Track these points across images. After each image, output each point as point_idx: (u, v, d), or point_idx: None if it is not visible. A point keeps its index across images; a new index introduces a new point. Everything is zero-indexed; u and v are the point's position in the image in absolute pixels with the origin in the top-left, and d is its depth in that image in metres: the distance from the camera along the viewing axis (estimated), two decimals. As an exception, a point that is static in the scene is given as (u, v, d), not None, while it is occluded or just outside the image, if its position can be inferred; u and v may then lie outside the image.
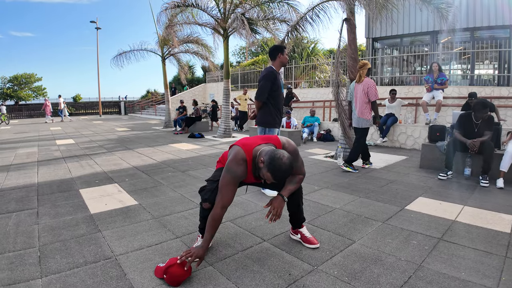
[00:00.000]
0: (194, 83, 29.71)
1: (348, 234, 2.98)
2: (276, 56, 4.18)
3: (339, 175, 5.36)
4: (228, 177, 2.31)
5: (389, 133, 8.53)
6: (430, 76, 8.20)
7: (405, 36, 14.83)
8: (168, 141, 9.88)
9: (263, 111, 4.27)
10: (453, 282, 2.20)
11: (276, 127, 4.31)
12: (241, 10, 10.60)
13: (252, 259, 2.51)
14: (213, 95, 21.70)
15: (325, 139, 9.76)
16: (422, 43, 14.30)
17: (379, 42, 16.09)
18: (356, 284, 2.18)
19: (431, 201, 4.00)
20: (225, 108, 11.17)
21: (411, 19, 13.94)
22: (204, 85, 23.98)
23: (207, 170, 5.69)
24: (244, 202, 3.91)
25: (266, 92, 4.13)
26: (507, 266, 2.42)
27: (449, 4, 8.17)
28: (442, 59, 13.51)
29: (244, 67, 20.95)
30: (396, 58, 14.76)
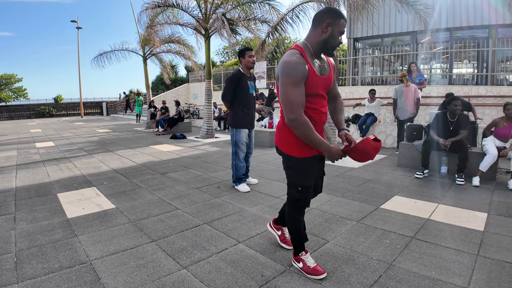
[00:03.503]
0: (177, 83, 29.47)
1: (322, 234, 3.02)
2: (240, 60, 4.54)
3: (318, 175, 5.40)
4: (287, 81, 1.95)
5: (368, 132, 8.66)
6: (409, 76, 8.36)
7: (385, 36, 15.05)
8: (150, 143, 9.78)
9: (231, 113, 4.56)
10: (423, 281, 2.25)
11: (243, 127, 4.53)
12: (222, 10, 10.58)
13: (226, 261, 2.52)
14: (196, 95, 21.61)
15: (306, 139, 9.80)
16: (403, 43, 14.54)
17: (360, 42, 16.28)
18: (327, 284, 2.21)
19: (407, 200, 4.08)
20: (207, 108, 11.14)
21: (391, 20, 14.15)
22: (187, 85, 23.82)
23: (187, 172, 5.66)
24: (222, 204, 3.91)
25: (229, 94, 4.45)
26: (478, 265, 2.47)
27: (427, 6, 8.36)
28: (422, 58, 13.79)
29: (228, 67, 20.90)
30: (377, 58, 14.97)
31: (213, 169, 5.89)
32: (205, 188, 4.63)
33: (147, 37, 12.67)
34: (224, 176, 5.28)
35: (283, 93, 1.97)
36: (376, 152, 2.03)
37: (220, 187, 4.67)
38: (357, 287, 2.17)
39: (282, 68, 1.97)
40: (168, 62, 17.34)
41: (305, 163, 2.19)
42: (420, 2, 8.04)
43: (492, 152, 4.81)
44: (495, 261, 2.53)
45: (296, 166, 2.21)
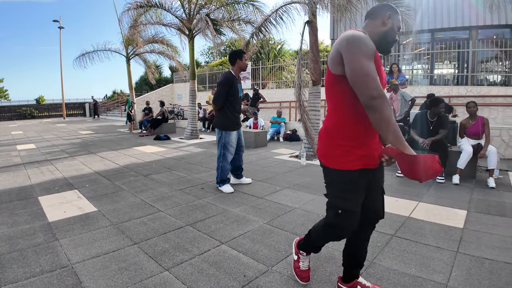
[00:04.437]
0: (162, 83, 29.18)
1: (304, 233, 3.04)
2: (235, 62, 4.44)
3: (301, 174, 5.46)
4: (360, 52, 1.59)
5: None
6: (390, 77, 8.50)
7: (368, 38, 15.26)
8: (133, 144, 9.67)
9: (220, 115, 4.51)
10: (402, 278, 2.29)
11: (232, 129, 4.50)
12: (206, 10, 10.54)
13: (209, 262, 2.51)
14: (181, 95, 21.45)
15: (291, 139, 9.90)
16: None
17: (344, 43, 16.46)
18: (308, 283, 2.23)
19: (388, 198, 4.11)
20: (191, 109, 11.08)
21: (373, 21, 14.35)
22: (172, 85, 23.61)
23: (171, 173, 5.62)
24: (205, 205, 3.90)
25: (223, 97, 4.39)
26: (458, 261, 2.53)
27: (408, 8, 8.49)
28: (404, 59, 14.03)
29: (212, 67, 20.82)
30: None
31: (197, 170, 5.86)
32: (189, 189, 4.61)
33: (130, 37, 12.52)
34: (208, 177, 5.26)
35: (357, 67, 1.57)
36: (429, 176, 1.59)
37: (204, 188, 4.66)
38: (338, 285, 2.20)
39: (350, 40, 1.62)
40: (152, 62, 17.20)
41: (349, 177, 1.76)
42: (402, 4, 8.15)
43: (467, 149, 4.96)
44: (475, 257, 2.60)
45: (336, 181, 1.81)
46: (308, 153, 6.69)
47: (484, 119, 5.17)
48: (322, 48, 26.40)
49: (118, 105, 28.07)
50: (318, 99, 6.99)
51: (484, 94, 9.54)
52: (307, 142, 6.75)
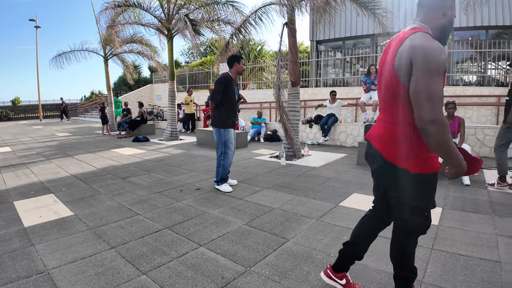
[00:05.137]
0: (141, 84, 28.74)
1: (282, 233, 3.08)
2: (233, 65, 4.68)
3: (281, 175, 5.50)
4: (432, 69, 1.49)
5: (330, 132, 8.92)
6: (367, 78, 8.68)
7: (347, 39, 15.50)
8: (111, 146, 9.50)
9: (217, 113, 4.65)
10: (378, 275, 2.35)
11: (230, 127, 4.67)
12: (185, 11, 10.48)
13: (187, 265, 2.51)
14: (160, 96, 21.18)
15: (271, 139, 9.95)
16: (364, 45, 15.04)
17: (323, 45, 16.66)
18: (286, 282, 2.25)
19: (365, 197, 4.23)
20: (170, 110, 10.98)
21: (352, 23, 14.60)
22: (151, 85, 23.26)
23: (149, 176, 5.55)
24: (184, 207, 3.87)
25: (219, 95, 4.56)
26: (433, 258, 2.60)
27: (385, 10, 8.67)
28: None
29: (193, 68, 20.67)
30: (339, 60, 15.38)
31: (177, 172, 5.81)
32: (167, 192, 4.57)
33: (108, 37, 12.32)
34: (188, 179, 5.23)
35: (424, 85, 1.48)
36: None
37: (183, 190, 4.63)
38: (315, 284, 2.23)
39: (425, 53, 1.50)
40: (131, 62, 16.94)
41: (436, 177, 1.72)
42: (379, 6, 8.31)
43: None
44: (449, 254, 2.67)
45: (429, 184, 1.71)
46: (288, 153, 6.74)
47: (460, 119, 5.34)
48: (302, 49, 26.67)
49: (97, 106, 27.45)
50: (297, 100, 7.05)
51: (460, 94, 9.85)
52: (286, 142, 6.80)
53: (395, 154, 1.70)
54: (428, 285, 2.23)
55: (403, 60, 1.56)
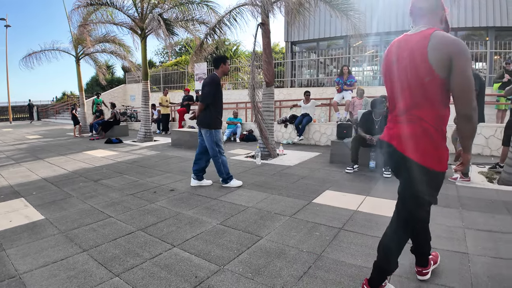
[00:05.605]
0: (114, 84, 28.11)
1: (256, 231, 3.12)
2: (219, 65, 4.72)
3: (256, 174, 5.55)
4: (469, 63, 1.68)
5: (305, 132, 9.06)
6: (340, 78, 8.90)
7: (321, 40, 15.76)
8: (83, 148, 9.26)
9: (206, 114, 4.66)
10: (349, 269, 2.42)
11: (220, 128, 4.77)
12: (159, 10, 10.37)
13: (160, 266, 2.50)
14: (134, 96, 20.80)
15: (247, 139, 9.99)
16: (337, 47, 15.33)
17: (297, 46, 16.86)
18: (259, 279, 2.29)
19: (337, 194, 4.34)
20: (144, 110, 10.82)
21: (326, 25, 14.85)
22: (124, 86, 22.80)
23: (122, 178, 5.46)
24: (158, 209, 3.85)
25: (212, 96, 4.59)
26: (403, 251, 2.68)
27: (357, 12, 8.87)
28: (355, 61, 14.64)
29: (167, 67, 20.43)
30: (313, 61, 15.60)
31: (150, 173, 5.75)
32: (141, 194, 4.51)
33: (80, 36, 12.01)
34: (162, 181, 5.19)
35: (467, 76, 1.63)
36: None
37: (157, 192, 4.59)
38: (288, 280, 2.27)
39: (462, 48, 1.64)
40: (103, 62, 16.55)
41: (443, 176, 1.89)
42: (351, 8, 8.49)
43: None
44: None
45: (440, 181, 1.86)
46: (263, 153, 6.80)
47: None
48: (278, 50, 26.86)
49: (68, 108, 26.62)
50: (271, 100, 7.12)
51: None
52: (262, 142, 6.85)
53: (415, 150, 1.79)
54: (398, 277, 2.31)
55: (441, 55, 1.66)
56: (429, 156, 1.77)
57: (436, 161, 1.77)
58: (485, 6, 12.17)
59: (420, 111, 1.77)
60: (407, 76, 1.80)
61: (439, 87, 1.71)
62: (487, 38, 12.63)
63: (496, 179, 4.98)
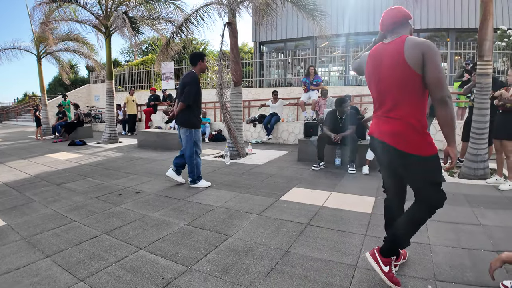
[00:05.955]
0: (78, 84, 27.09)
1: (224, 230, 3.13)
2: (197, 63, 4.68)
3: (225, 174, 5.56)
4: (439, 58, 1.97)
5: (273, 131, 9.17)
6: (307, 78, 9.07)
7: (288, 41, 15.94)
8: (45, 151, 8.88)
9: (187, 113, 4.59)
10: (315, 263, 2.48)
11: (199, 127, 4.77)
12: (124, 8, 10.12)
13: (126, 269, 2.46)
14: (98, 97, 20.14)
15: (216, 139, 9.97)
16: (305, 47, 15.57)
17: (266, 46, 16.97)
18: (227, 277, 2.31)
19: (304, 190, 4.44)
20: (109, 111, 10.52)
21: (293, 25, 15.04)
22: (88, 86, 22.00)
23: (86, 181, 5.30)
24: (123, 212, 3.77)
25: (194, 96, 4.54)
26: (366, 243, 2.81)
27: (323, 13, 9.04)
28: (322, 61, 14.93)
29: (133, 67, 19.94)
30: (281, 61, 15.76)
31: (115, 176, 5.61)
32: (105, 196, 4.40)
33: (42, 34, 11.50)
34: (127, 183, 5.08)
35: (439, 69, 1.93)
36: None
37: (122, 194, 4.49)
38: (255, 276, 2.31)
39: (431, 46, 1.94)
40: (67, 61, 15.95)
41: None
42: (317, 9, 8.65)
43: None
44: (382, 239, 2.85)
45: (439, 162, 2.06)
46: (232, 153, 6.81)
47: None
48: (247, 50, 26.91)
49: (30, 109, 25.37)
50: (239, 100, 7.14)
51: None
52: (230, 141, 6.86)
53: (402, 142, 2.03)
54: (362, 269, 2.40)
55: (415, 54, 1.95)
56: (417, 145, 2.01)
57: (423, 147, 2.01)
58: (446, 9, 12.78)
59: (405, 107, 2.03)
60: (390, 78, 2.06)
61: (417, 82, 1.98)
62: (448, 39, 13.27)
63: (457, 173, 5.26)
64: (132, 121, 13.05)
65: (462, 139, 5.85)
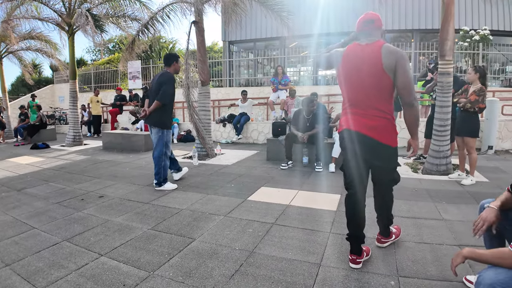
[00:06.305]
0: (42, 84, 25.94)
1: (189, 233, 3.10)
2: (171, 63, 4.72)
3: (193, 175, 5.50)
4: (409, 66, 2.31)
5: (243, 131, 9.19)
6: (275, 78, 9.16)
7: (258, 41, 15.98)
8: (6, 155, 8.45)
9: (161, 113, 4.58)
10: (280, 263, 2.50)
11: (170, 128, 4.79)
12: (88, 5, 9.80)
13: (86, 276, 2.39)
14: (63, 97, 19.36)
15: (185, 140, 9.86)
16: (274, 47, 15.66)
17: (235, 45, 16.94)
18: (190, 281, 2.29)
19: (271, 190, 4.48)
20: (72, 112, 10.16)
21: (262, 25, 15.08)
22: (52, 86, 21.07)
23: (48, 185, 5.10)
24: (85, 217, 3.65)
25: (170, 95, 4.57)
26: (330, 241, 2.86)
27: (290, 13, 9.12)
28: (291, 62, 15.07)
29: (99, 66, 19.33)
30: (251, 61, 15.77)
31: (78, 180, 5.43)
32: (67, 202, 4.25)
33: (3, 33, 10.94)
34: (90, 187, 4.93)
35: (408, 76, 2.24)
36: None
37: (84, 199, 4.34)
38: (219, 279, 2.30)
39: (404, 55, 2.26)
40: (30, 61, 15.26)
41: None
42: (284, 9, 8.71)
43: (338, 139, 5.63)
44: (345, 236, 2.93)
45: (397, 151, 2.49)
46: (201, 153, 6.76)
47: None
48: (217, 49, 26.78)
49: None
50: (208, 99, 7.09)
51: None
52: (199, 142, 6.80)
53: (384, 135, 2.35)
54: (326, 267, 2.44)
55: (390, 62, 2.23)
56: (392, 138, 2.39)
57: (395, 140, 2.41)
58: (411, 10, 13.23)
59: (382, 106, 2.33)
60: (371, 83, 2.32)
61: (389, 86, 2.30)
62: (413, 40, 13.74)
63: (420, 169, 5.46)
64: (97, 122, 12.65)
65: (425, 136, 6.07)
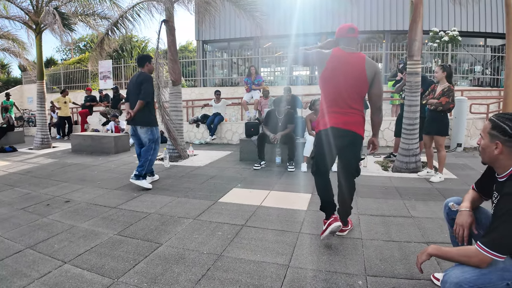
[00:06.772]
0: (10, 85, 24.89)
1: (156, 238, 3.05)
2: (144, 64, 4.81)
3: (164, 177, 5.43)
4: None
5: (217, 131, 9.15)
6: (248, 79, 9.18)
7: (232, 40, 15.93)
8: (-32, 160, 8.06)
9: (146, 112, 4.71)
10: (248, 265, 2.50)
11: (157, 125, 4.91)
12: (56, 3, 9.47)
13: (49, 285, 2.31)
14: (31, 98, 18.64)
15: (156, 141, 9.70)
16: (248, 47, 15.65)
17: (209, 45, 16.82)
18: (155, 284, 2.26)
19: (243, 191, 4.49)
20: (40, 114, 9.79)
21: (236, 25, 15.04)
22: (21, 86, 20.27)
23: (13, 191, 4.89)
24: (50, 223, 3.53)
25: (152, 94, 4.75)
26: (300, 241, 2.88)
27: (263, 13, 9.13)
28: (266, 62, 15.11)
29: (68, 66, 18.74)
30: (226, 61, 15.71)
31: (45, 184, 5.24)
32: (32, 207, 4.09)
33: (-31, 32, 10.43)
34: (57, 192, 4.77)
35: (382, 86, 2.84)
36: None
37: (50, 204, 4.20)
38: (185, 285, 2.27)
39: (378, 68, 2.87)
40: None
41: None
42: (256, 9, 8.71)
43: (309, 139, 5.70)
44: (315, 235, 2.97)
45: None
46: (173, 155, 6.68)
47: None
48: (192, 48, 26.53)
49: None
50: (179, 99, 7.02)
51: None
52: (170, 143, 6.72)
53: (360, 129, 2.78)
54: (294, 268, 2.45)
55: (371, 73, 2.72)
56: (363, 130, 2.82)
57: (363, 132, 2.83)
58: (382, 12, 13.53)
59: (358, 106, 2.78)
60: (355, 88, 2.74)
61: (365, 91, 2.81)
62: (384, 40, 14.06)
63: (390, 167, 5.61)
64: (64, 124, 12.26)
65: (395, 135, 6.24)
